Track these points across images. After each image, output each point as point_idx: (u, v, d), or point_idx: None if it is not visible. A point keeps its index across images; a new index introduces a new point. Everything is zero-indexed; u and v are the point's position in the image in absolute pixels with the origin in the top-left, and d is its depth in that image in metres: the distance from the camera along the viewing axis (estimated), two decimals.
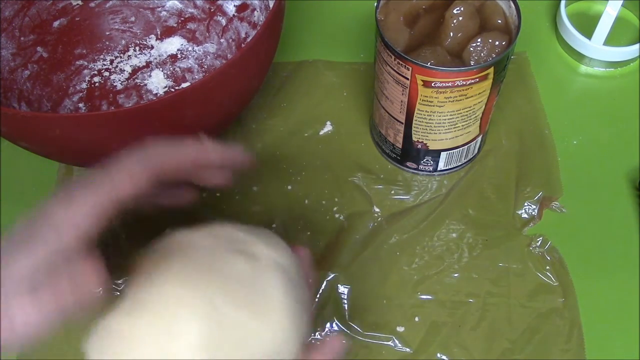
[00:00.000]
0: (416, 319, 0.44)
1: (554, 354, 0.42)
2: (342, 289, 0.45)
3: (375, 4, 0.43)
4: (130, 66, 0.56)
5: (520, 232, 0.47)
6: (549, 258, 0.46)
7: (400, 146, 0.48)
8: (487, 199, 0.49)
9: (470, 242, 0.47)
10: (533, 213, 0.48)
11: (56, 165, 0.51)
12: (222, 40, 0.56)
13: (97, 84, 0.55)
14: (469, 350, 0.43)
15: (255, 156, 0.51)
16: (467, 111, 0.43)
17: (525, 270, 0.46)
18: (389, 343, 0.43)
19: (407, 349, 0.43)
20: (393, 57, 0.41)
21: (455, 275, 0.46)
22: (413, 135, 0.46)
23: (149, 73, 0.55)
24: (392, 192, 0.49)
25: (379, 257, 0.46)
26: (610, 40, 0.54)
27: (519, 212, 0.48)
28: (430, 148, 0.47)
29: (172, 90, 0.55)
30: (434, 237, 0.47)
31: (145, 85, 0.55)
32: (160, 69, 0.56)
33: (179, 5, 0.57)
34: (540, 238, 0.47)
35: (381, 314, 0.44)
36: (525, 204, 0.48)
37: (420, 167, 0.49)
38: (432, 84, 0.41)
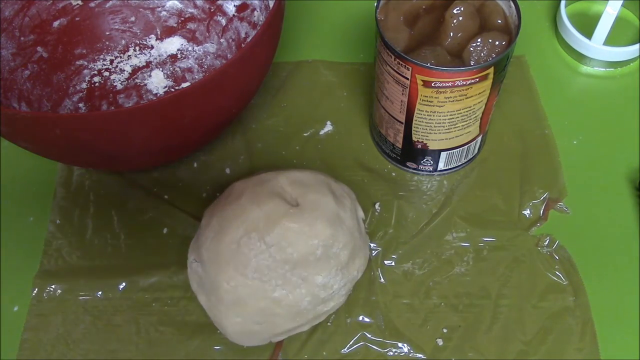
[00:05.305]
0: (428, 324, 0.44)
1: (568, 353, 0.42)
2: None
3: (375, 4, 0.43)
4: (130, 66, 0.56)
5: (527, 233, 0.47)
6: (557, 257, 0.46)
7: (400, 146, 0.48)
8: (491, 200, 0.49)
9: (477, 243, 0.47)
10: (538, 213, 0.48)
11: (56, 165, 0.51)
12: (222, 40, 0.56)
13: (97, 84, 0.55)
14: (483, 354, 0.43)
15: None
16: (467, 111, 0.44)
17: (535, 270, 0.46)
18: (402, 349, 0.43)
19: (421, 355, 0.43)
20: (393, 57, 0.41)
21: (465, 278, 0.45)
22: (413, 135, 0.46)
23: (149, 73, 0.55)
24: (393, 192, 0.49)
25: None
26: (610, 40, 0.54)
27: (524, 212, 0.48)
28: (430, 148, 0.47)
29: (172, 90, 0.55)
30: (441, 240, 0.47)
31: (145, 85, 0.55)
32: (160, 69, 0.56)
33: (179, 5, 0.57)
34: (548, 238, 0.47)
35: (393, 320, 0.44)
36: (530, 204, 0.48)
37: (420, 167, 0.49)
38: (432, 84, 0.41)
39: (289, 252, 0.39)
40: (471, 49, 0.42)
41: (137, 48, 0.57)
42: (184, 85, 0.55)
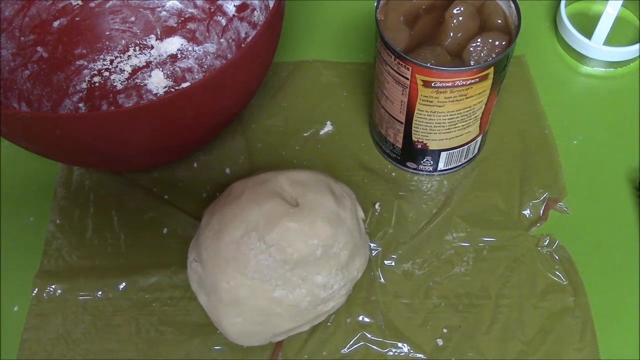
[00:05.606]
0: (428, 324, 0.44)
1: (568, 353, 0.42)
2: None
3: (375, 4, 0.43)
4: (130, 66, 0.56)
5: (527, 233, 0.47)
6: (557, 257, 0.46)
7: (400, 146, 0.48)
8: (491, 200, 0.49)
9: (477, 243, 0.47)
10: (539, 213, 0.48)
11: (56, 165, 0.51)
12: (222, 40, 0.56)
13: (97, 84, 0.55)
14: (483, 354, 0.43)
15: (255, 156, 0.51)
16: (467, 111, 0.44)
17: (535, 270, 0.46)
18: (402, 349, 0.43)
19: (421, 355, 0.43)
20: (393, 57, 0.41)
21: (465, 278, 0.45)
22: (413, 135, 0.46)
23: (149, 73, 0.55)
24: (392, 192, 0.49)
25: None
26: (610, 40, 0.54)
27: (524, 212, 0.48)
28: (430, 148, 0.47)
29: (172, 90, 0.55)
30: (441, 240, 0.47)
31: (145, 85, 0.55)
32: (160, 69, 0.56)
33: (179, 5, 0.57)
34: (548, 238, 0.47)
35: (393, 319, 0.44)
36: (530, 204, 0.48)
37: (420, 167, 0.49)
38: (432, 84, 0.41)
39: (288, 252, 0.39)
40: (471, 49, 0.42)
41: (137, 48, 0.57)
42: (184, 85, 0.55)
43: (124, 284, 0.45)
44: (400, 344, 0.43)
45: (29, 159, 0.51)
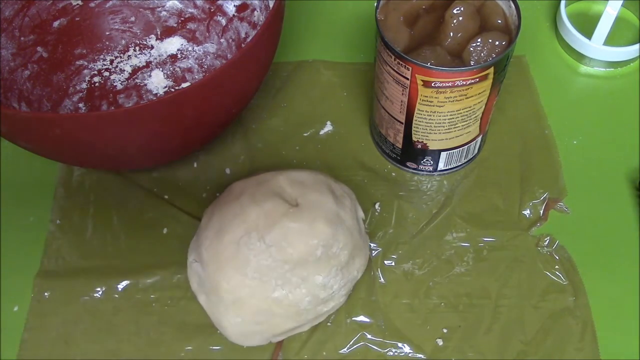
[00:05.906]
0: (428, 324, 0.44)
1: (568, 353, 0.42)
2: None
3: (375, 4, 0.43)
4: (130, 66, 0.56)
5: (527, 233, 0.47)
6: (557, 257, 0.46)
7: (400, 146, 0.48)
8: (491, 200, 0.49)
9: (477, 243, 0.47)
10: (538, 213, 0.48)
11: (56, 165, 0.51)
12: (222, 40, 0.56)
13: (97, 84, 0.55)
14: (483, 354, 0.42)
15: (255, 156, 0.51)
16: (467, 111, 0.44)
17: (535, 270, 0.46)
18: (402, 349, 0.43)
19: (421, 355, 0.43)
20: (393, 57, 0.41)
21: (465, 278, 0.45)
22: (413, 135, 0.46)
23: (149, 73, 0.55)
24: (393, 192, 0.49)
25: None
26: (610, 40, 0.54)
27: (524, 212, 0.48)
28: (430, 148, 0.47)
29: (172, 90, 0.55)
30: (441, 241, 0.47)
31: (145, 85, 0.55)
32: (160, 69, 0.56)
33: (179, 5, 0.57)
34: (548, 238, 0.47)
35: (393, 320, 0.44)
36: (530, 204, 0.48)
37: (420, 167, 0.49)
38: (432, 84, 0.41)
39: (288, 252, 0.39)
40: (471, 49, 0.42)
41: (137, 48, 0.57)
42: (184, 85, 0.55)
43: (124, 284, 0.45)
44: (400, 344, 0.43)
45: (29, 159, 0.51)
